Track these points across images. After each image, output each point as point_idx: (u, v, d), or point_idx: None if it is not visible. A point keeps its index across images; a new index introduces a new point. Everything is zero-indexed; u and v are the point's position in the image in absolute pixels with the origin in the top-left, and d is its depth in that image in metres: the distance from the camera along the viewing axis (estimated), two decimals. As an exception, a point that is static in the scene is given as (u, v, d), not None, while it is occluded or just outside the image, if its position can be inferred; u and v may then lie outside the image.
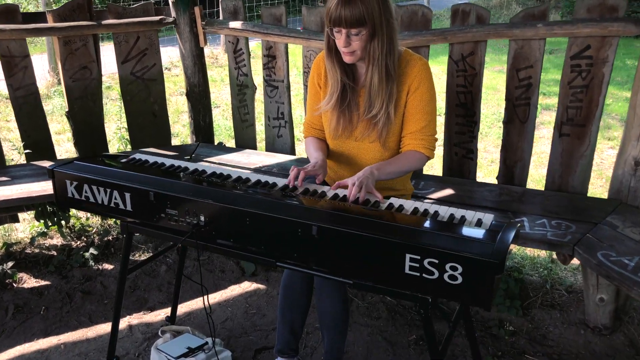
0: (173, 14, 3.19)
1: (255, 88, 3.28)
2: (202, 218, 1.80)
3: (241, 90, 3.28)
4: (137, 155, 2.28)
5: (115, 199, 1.95)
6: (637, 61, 2.48)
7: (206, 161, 3.10)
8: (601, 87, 2.45)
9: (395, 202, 1.84)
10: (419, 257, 1.50)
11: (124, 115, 3.32)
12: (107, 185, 1.94)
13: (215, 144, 3.51)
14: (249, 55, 3.21)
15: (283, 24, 3.02)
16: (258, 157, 3.16)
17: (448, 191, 2.69)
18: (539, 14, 2.47)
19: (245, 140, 3.39)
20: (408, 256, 1.51)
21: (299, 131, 4.89)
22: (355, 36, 1.86)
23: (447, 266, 1.48)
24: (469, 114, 2.74)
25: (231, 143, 5.04)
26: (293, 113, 3.24)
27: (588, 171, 2.62)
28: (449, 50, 2.68)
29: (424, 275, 1.51)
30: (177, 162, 2.19)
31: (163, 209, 1.86)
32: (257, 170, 2.98)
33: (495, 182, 2.86)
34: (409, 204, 1.84)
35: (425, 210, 1.78)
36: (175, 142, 4.97)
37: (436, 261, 1.48)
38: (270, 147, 3.31)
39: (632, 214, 2.38)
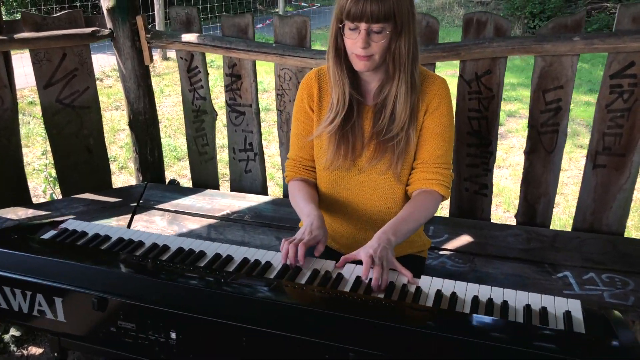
0: (109, 24, 2.55)
1: (216, 114, 2.69)
2: (173, 335, 1.22)
3: (198, 116, 2.68)
4: (70, 225, 1.66)
5: (40, 305, 1.33)
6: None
7: (159, 209, 2.48)
8: (646, 110, 2.05)
9: (444, 287, 1.35)
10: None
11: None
12: (25, 285, 1.32)
13: (167, 182, 2.89)
14: (207, 74, 2.62)
15: (250, 36, 2.45)
16: (224, 200, 2.57)
17: (465, 238, 2.22)
18: (572, 24, 2.02)
19: (204, 178, 2.79)
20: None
21: (270, 165, 4.32)
22: (377, 34, 1.44)
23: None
24: (484, 143, 2.27)
25: (180, 168, 4.41)
26: (264, 143, 2.67)
27: (627, 207, 2.21)
28: (459, 69, 2.20)
29: None
30: (126, 233, 1.60)
31: (114, 321, 1.27)
32: (225, 218, 2.40)
33: (514, 221, 2.41)
34: (461, 288, 1.34)
35: (490, 300, 1.29)
36: (113, 168, 4.28)
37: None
38: (237, 186, 2.73)
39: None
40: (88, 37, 2.51)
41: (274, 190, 3.81)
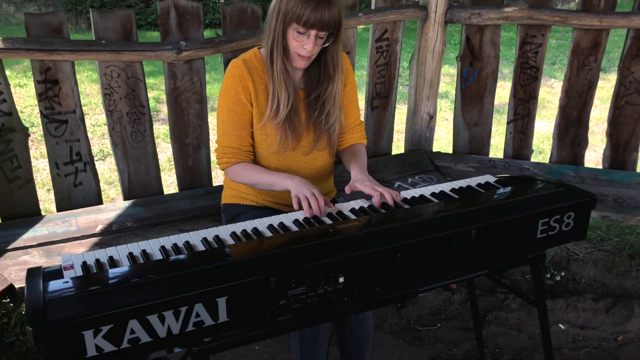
0: None
1: (27, 130, 2.28)
2: (341, 279, 1.40)
3: (2, 137, 2.22)
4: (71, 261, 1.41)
5: (198, 315, 1.24)
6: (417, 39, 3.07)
7: (16, 248, 2.03)
8: (396, 63, 2.95)
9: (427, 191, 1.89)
10: (547, 219, 1.69)
11: None
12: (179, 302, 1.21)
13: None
14: (8, 84, 2.19)
15: (66, 36, 2.20)
16: (82, 218, 2.26)
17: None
18: (351, 4, 2.72)
19: (22, 207, 2.33)
20: (540, 222, 1.68)
21: (108, 169, 3.66)
22: (320, 39, 1.77)
23: (565, 217, 1.73)
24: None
25: None
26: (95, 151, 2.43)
27: (392, 134, 3.12)
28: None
29: (549, 233, 1.72)
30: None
31: (284, 293, 1.33)
32: (107, 232, 2.18)
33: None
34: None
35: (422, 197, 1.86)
36: None
37: (558, 216, 1.71)
38: (65, 204, 2.40)
39: (459, 158, 3.04)
40: None
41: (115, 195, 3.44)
